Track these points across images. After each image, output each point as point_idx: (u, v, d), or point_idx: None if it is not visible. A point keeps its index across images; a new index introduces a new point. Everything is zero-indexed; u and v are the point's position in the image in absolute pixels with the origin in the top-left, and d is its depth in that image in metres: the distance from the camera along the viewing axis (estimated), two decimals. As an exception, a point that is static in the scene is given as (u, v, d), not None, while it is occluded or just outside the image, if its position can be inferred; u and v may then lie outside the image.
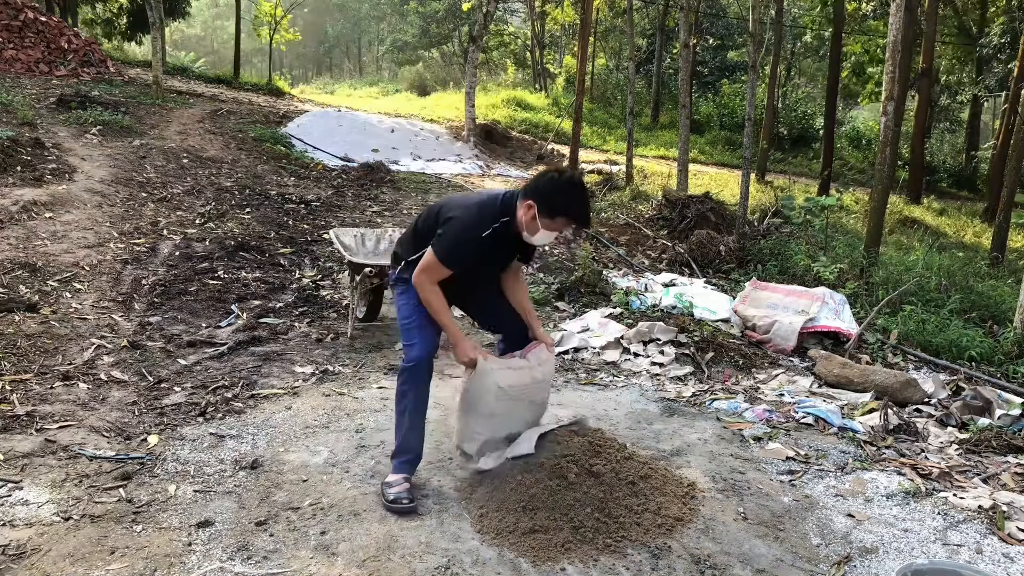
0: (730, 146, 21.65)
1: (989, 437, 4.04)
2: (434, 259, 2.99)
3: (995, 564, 2.89)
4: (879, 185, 8.04)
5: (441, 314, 3.05)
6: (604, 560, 2.73)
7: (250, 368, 4.57)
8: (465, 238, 2.98)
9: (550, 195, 2.92)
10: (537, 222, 2.95)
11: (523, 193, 3.00)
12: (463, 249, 2.99)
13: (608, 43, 29.48)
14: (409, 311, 3.17)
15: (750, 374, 5.15)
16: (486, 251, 3.03)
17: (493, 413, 3.16)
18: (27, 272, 5.51)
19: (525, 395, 3.23)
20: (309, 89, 30.09)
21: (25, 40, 14.33)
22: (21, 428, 3.53)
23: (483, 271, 3.25)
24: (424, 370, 3.15)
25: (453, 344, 3.10)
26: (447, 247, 2.98)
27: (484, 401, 3.12)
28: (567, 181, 2.97)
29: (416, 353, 3.12)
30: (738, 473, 3.54)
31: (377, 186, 10.61)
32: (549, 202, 2.92)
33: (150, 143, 10.06)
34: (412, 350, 3.14)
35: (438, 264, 3.00)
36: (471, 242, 2.98)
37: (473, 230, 2.98)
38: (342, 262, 6.32)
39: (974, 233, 13.83)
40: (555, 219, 2.94)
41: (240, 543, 2.74)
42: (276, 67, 31.75)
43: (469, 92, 15.85)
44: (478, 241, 2.98)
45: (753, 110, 9.57)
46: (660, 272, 7.81)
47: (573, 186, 2.97)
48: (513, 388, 3.15)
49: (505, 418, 3.22)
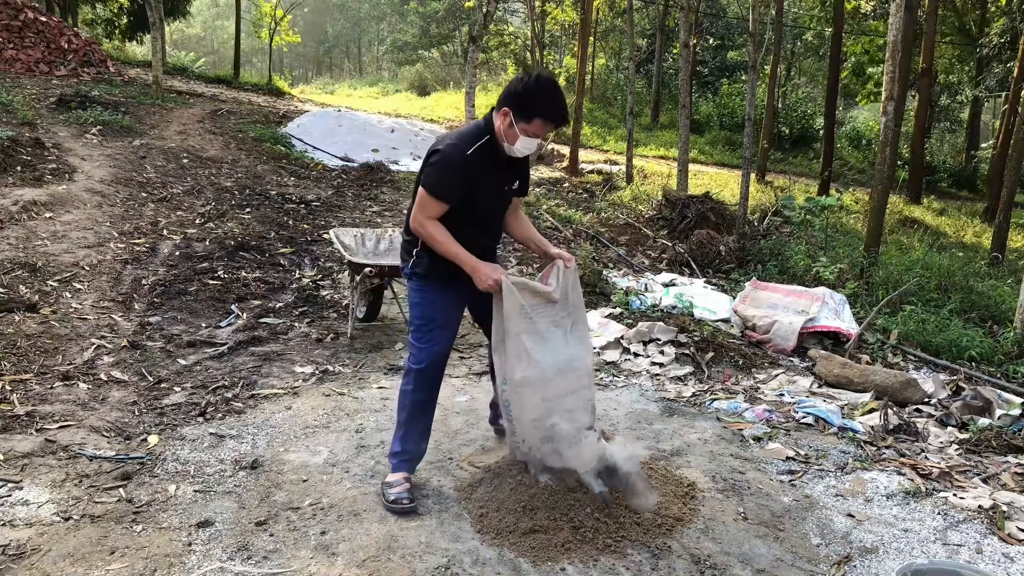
0: (730, 146, 21.65)
1: (989, 437, 4.04)
2: (425, 194, 2.91)
3: (995, 564, 2.89)
4: (879, 185, 8.04)
5: (449, 246, 2.92)
6: (604, 560, 2.72)
7: (250, 368, 4.57)
8: (450, 161, 2.89)
9: (522, 97, 2.86)
10: (515, 129, 2.89)
11: (497, 104, 2.94)
12: (450, 173, 2.89)
13: (608, 43, 29.48)
14: (421, 311, 3.08)
15: (750, 374, 5.15)
16: (476, 174, 2.91)
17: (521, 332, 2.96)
18: (27, 272, 5.51)
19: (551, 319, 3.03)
20: (309, 89, 30.10)
21: (25, 40, 14.33)
22: (21, 428, 3.53)
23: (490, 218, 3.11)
24: (432, 374, 3.09)
25: (471, 272, 2.93)
26: (434, 176, 2.90)
27: (513, 320, 2.96)
28: (536, 79, 2.88)
29: (425, 356, 3.05)
30: (738, 473, 3.54)
31: (377, 186, 10.61)
32: (523, 104, 2.85)
33: (150, 143, 10.06)
34: (421, 352, 3.06)
35: (430, 198, 2.91)
36: (456, 163, 2.88)
37: (456, 151, 2.90)
38: (342, 262, 6.32)
39: (974, 233, 13.83)
40: (531, 121, 2.87)
41: (240, 543, 2.74)
42: (276, 67, 31.76)
43: (469, 92, 15.80)
44: (464, 159, 2.88)
45: (753, 110, 9.57)
46: (660, 272, 7.81)
47: (544, 85, 2.88)
48: (535, 309, 2.99)
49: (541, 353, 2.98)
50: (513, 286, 2.94)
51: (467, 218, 3.00)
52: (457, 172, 2.89)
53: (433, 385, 3.13)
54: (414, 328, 3.12)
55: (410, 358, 3.11)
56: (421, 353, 3.06)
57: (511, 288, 2.93)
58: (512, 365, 2.97)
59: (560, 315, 3.06)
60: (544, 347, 2.99)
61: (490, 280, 2.92)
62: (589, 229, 9.36)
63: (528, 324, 2.97)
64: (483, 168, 2.94)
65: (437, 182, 2.90)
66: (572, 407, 3.05)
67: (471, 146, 2.91)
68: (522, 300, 2.95)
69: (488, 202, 3.06)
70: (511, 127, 2.89)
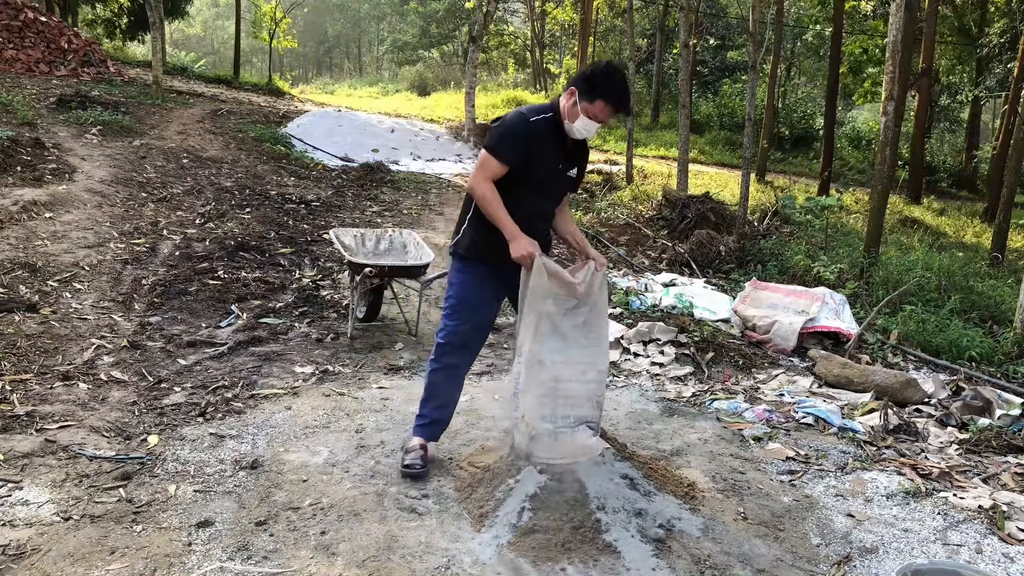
0: (730, 146, 21.64)
1: (989, 437, 4.04)
2: (485, 153, 3.04)
3: (995, 564, 2.89)
4: (879, 185, 8.04)
5: (496, 208, 3.01)
6: (604, 560, 2.72)
7: (250, 368, 4.57)
8: (512, 124, 3.05)
9: (590, 77, 2.98)
10: (578, 108, 2.99)
11: (567, 84, 3.08)
12: (510, 134, 3.03)
13: (608, 43, 29.49)
14: (455, 291, 3.23)
15: (750, 374, 5.15)
16: (535, 142, 3.03)
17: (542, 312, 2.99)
18: (27, 272, 5.51)
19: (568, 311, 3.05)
20: (309, 89, 30.08)
21: (25, 40, 14.33)
22: (21, 428, 3.53)
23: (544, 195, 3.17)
24: (451, 351, 3.24)
25: (509, 239, 3.00)
26: (496, 137, 3.06)
27: (538, 298, 2.99)
28: (607, 64, 3.04)
29: (447, 332, 3.22)
30: (738, 473, 3.54)
31: (377, 186, 10.60)
32: (589, 85, 2.96)
33: (150, 143, 10.06)
34: (446, 328, 3.23)
35: (489, 157, 3.02)
36: (518, 127, 3.03)
37: (520, 117, 3.07)
38: (342, 262, 6.32)
39: (974, 233, 13.83)
40: (594, 102, 2.96)
41: (240, 543, 2.74)
42: (276, 67, 31.75)
43: (469, 92, 15.85)
44: (525, 124, 3.04)
45: (753, 110, 9.57)
46: (660, 272, 7.81)
47: (613, 70, 3.00)
48: (560, 298, 3.03)
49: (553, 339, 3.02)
50: (544, 268, 2.98)
51: (522, 191, 3.09)
52: (518, 135, 3.03)
53: (453, 360, 3.27)
54: (446, 304, 3.28)
55: (438, 331, 3.29)
56: (445, 328, 3.24)
57: (542, 267, 2.97)
58: (528, 339, 3.03)
59: (579, 309, 3.10)
60: (557, 334, 3.05)
61: (525, 251, 2.97)
62: (589, 229, 9.36)
63: (549, 307, 3.02)
64: (543, 139, 3.06)
65: (498, 143, 3.04)
66: (576, 395, 3.09)
67: (535, 115, 3.07)
68: (549, 283, 3.00)
69: (543, 177, 3.14)
70: (574, 106, 3.01)
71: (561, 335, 3.05)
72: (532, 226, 3.10)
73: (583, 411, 3.11)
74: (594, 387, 3.14)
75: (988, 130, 29.96)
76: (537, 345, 3.01)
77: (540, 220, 3.23)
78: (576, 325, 3.08)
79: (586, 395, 3.12)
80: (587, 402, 3.12)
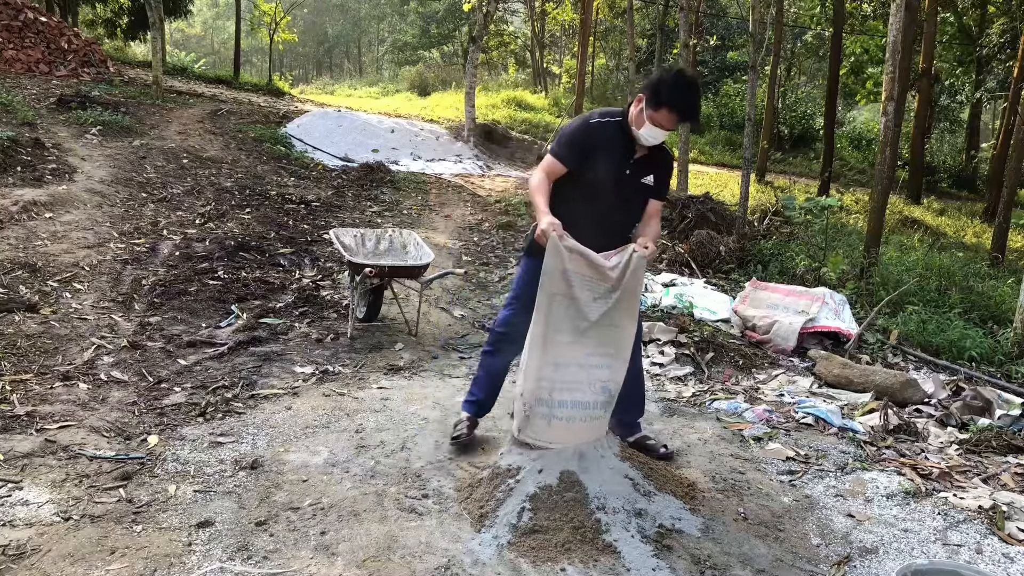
0: (730, 146, 21.63)
1: (989, 437, 4.04)
2: (548, 155, 3.15)
3: (995, 564, 2.89)
4: (879, 185, 8.04)
5: (535, 192, 3.09)
6: (604, 560, 2.72)
7: (250, 368, 4.57)
8: (574, 125, 3.15)
9: (657, 84, 2.98)
10: (644, 115, 2.99)
11: (638, 91, 3.09)
12: (570, 134, 3.11)
13: (608, 43, 29.49)
14: (516, 282, 3.43)
15: (750, 374, 5.15)
16: (595, 144, 3.06)
17: (554, 293, 2.95)
18: (27, 272, 5.52)
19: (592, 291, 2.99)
20: (309, 89, 30.07)
21: (25, 40, 14.32)
22: (21, 428, 3.53)
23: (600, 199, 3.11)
24: (500, 338, 3.42)
25: (537, 218, 3.04)
26: (559, 139, 3.14)
27: (550, 277, 2.95)
28: (676, 71, 3.06)
29: (501, 320, 3.44)
30: (738, 473, 3.54)
31: (377, 186, 10.60)
32: (655, 92, 2.96)
33: (150, 143, 10.06)
34: (501, 316, 3.46)
35: (551, 159, 3.13)
36: (578, 129, 3.11)
37: (583, 119, 3.15)
38: (342, 262, 6.32)
39: (974, 233, 13.83)
40: (659, 110, 2.95)
41: (240, 543, 2.74)
42: (276, 67, 31.77)
43: (469, 92, 15.83)
44: (586, 126, 3.10)
45: (753, 110, 9.57)
46: (660, 272, 7.81)
47: (680, 77, 2.99)
48: (581, 278, 2.97)
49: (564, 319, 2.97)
50: (562, 248, 2.94)
51: (575, 192, 3.14)
52: (576, 136, 3.11)
53: (500, 347, 3.45)
54: (508, 296, 3.51)
55: (495, 320, 3.52)
56: (500, 316, 3.48)
57: (557, 248, 2.94)
58: (536, 318, 3.03)
59: (605, 289, 3.02)
60: (570, 313, 2.99)
61: (547, 225, 2.92)
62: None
63: (564, 287, 2.97)
64: (605, 141, 3.08)
65: (560, 143, 3.15)
66: (577, 380, 3.04)
67: (598, 118, 3.13)
68: (567, 264, 2.95)
69: (602, 180, 3.11)
70: (641, 113, 3.01)
71: (574, 317, 2.99)
72: (580, 228, 2.99)
73: (581, 396, 3.06)
74: (601, 372, 3.07)
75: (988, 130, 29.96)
76: (540, 326, 3.00)
77: (595, 225, 3.09)
78: (596, 302, 3.01)
79: (588, 382, 3.05)
80: (588, 387, 3.06)
